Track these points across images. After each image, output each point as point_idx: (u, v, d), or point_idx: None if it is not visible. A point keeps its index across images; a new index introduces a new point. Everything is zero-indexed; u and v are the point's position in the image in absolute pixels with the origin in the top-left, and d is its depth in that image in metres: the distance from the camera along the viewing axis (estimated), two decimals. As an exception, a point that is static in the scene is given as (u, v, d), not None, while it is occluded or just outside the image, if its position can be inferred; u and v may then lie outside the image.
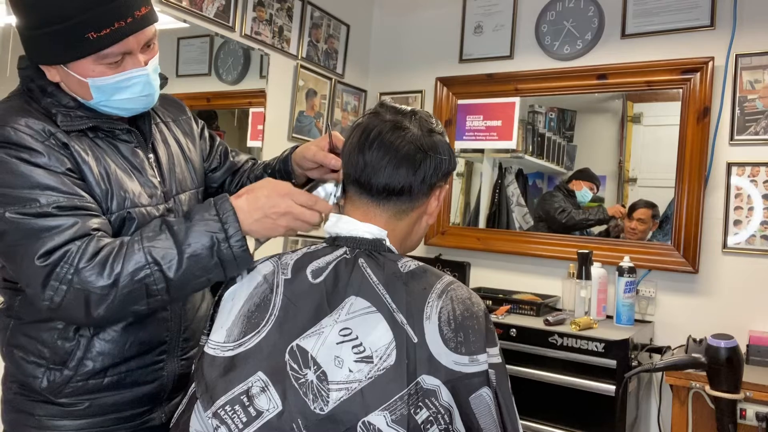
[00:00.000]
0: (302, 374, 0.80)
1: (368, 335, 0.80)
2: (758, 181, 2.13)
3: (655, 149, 2.46)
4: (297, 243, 2.61)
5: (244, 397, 0.80)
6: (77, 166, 0.96)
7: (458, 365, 0.80)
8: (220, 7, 2.18)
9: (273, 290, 0.88)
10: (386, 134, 0.90)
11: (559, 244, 2.48)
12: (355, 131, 0.94)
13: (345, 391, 0.78)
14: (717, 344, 1.44)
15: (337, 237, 0.93)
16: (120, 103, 1.01)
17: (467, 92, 2.72)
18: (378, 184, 0.90)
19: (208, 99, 2.36)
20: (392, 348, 0.80)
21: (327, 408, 0.77)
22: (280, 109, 2.50)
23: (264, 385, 0.80)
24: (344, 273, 0.87)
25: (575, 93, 2.51)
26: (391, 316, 0.82)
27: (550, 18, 2.56)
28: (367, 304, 0.83)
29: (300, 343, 0.81)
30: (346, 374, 0.79)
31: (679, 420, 1.87)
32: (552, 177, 2.71)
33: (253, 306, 0.87)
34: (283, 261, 0.92)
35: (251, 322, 0.86)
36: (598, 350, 1.90)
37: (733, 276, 2.16)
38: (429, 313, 0.82)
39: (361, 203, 0.93)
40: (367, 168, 0.90)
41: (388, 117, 0.92)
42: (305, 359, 0.80)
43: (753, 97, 2.15)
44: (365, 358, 0.79)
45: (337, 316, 0.82)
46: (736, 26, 2.18)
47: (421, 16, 2.91)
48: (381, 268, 0.87)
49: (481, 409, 0.82)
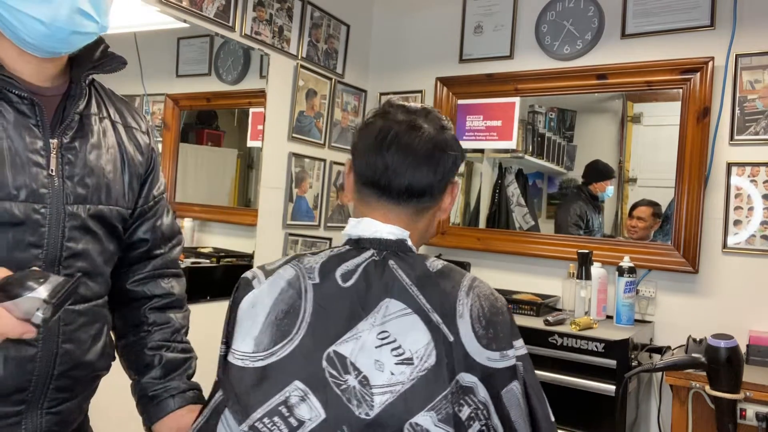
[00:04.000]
0: (343, 380, 0.79)
1: (406, 337, 0.81)
2: (758, 181, 2.13)
3: (655, 149, 2.46)
4: (297, 244, 2.62)
5: (282, 407, 0.78)
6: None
7: (491, 361, 0.83)
8: (220, 7, 2.18)
9: (301, 296, 0.84)
10: (404, 135, 0.88)
11: (559, 244, 2.48)
12: (368, 132, 0.91)
13: (389, 395, 0.78)
14: (717, 344, 1.44)
15: (360, 239, 0.90)
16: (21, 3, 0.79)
17: (467, 92, 2.72)
18: (399, 186, 0.88)
19: (208, 99, 2.36)
20: (431, 348, 0.80)
21: (372, 412, 0.77)
22: (280, 109, 2.50)
23: (303, 394, 0.78)
24: (375, 275, 0.85)
25: (575, 93, 2.51)
26: (426, 317, 0.82)
27: (550, 18, 2.56)
28: (402, 306, 0.83)
29: (337, 349, 0.80)
30: (388, 377, 0.79)
31: (679, 420, 1.87)
32: (552, 177, 2.71)
33: (281, 313, 0.83)
34: (306, 265, 0.88)
35: (281, 330, 0.82)
36: (598, 350, 1.90)
37: (733, 276, 2.16)
38: (461, 312, 0.84)
39: (379, 205, 0.91)
40: (388, 170, 0.88)
41: (402, 117, 0.91)
42: (344, 365, 0.79)
43: (753, 97, 2.15)
44: (406, 360, 0.80)
45: (374, 320, 0.82)
46: (736, 26, 2.18)
47: (421, 16, 2.91)
48: (411, 268, 0.87)
49: (512, 402, 0.84)
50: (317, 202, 2.73)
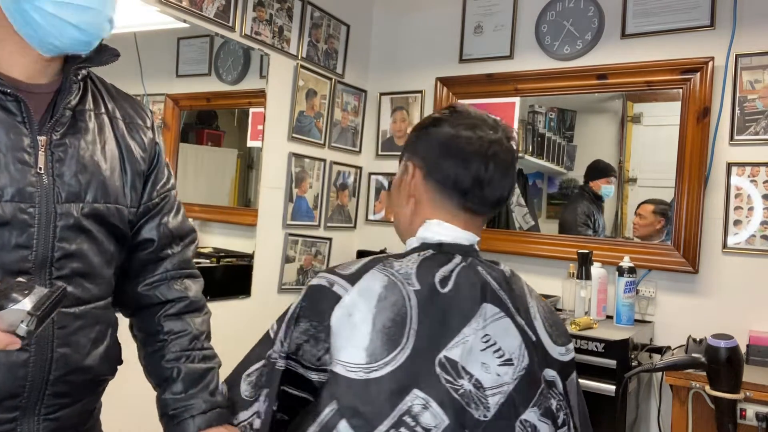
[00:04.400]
0: (459, 385, 0.80)
1: (503, 339, 0.85)
2: (758, 181, 2.13)
3: (655, 149, 2.46)
4: (297, 244, 2.62)
5: (407, 417, 0.77)
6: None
7: (560, 355, 0.93)
8: (220, 7, 2.18)
9: (405, 303, 0.83)
10: (501, 150, 0.90)
11: (559, 244, 2.48)
12: (458, 142, 0.90)
13: (500, 395, 0.82)
14: (717, 344, 1.44)
15: (443, 244, 0.91)
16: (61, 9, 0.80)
17: (467, 92, 2.72)
18: (492, 197, 0.91)
19: (208, 99, 2.36)
20: (523, 349, 0.86)
21: (489, 413, 0.80)
22: (280, 109, 2.50)
23: (424, 402, 0.78)
24: (469, 281, 0.87)
25: (575, 93, 2.51)
26: (514, 319, 0.88)
27: (550, 18, 2.56)
28: (496, 309, 0.87)
29: (447, 354, 0.81)
30: (495, 378, 0.82)
31: (679, 420, 1.87)
32: (552, 177, 2.71)
33: (388, 321, 0.81)
34: (399, 270, 0.86)
35: (391, 339, 0.80)
36: (598, 350, 1.90)
37: (733, 276, 2.16)
38: (534, 313, 0.92)
39: (461, 212, 0.92)
40: (485, 182, 0.89)
41: (492, 133, 0.91)
42: (456, 369, 0.81)
43: (753, 97, 2.15)
44: (507, 362, 0.84)
45: (477, 325, 0.84)
46: (736, 26, 2.18)
47: (421, 16, 2.91)
48: (495, 273, 0.91)
49: (573, 390, 0.94)
50: (317, 202, 2.73)
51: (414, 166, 0.93)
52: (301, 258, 2.65)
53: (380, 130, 2.99)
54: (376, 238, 2.94)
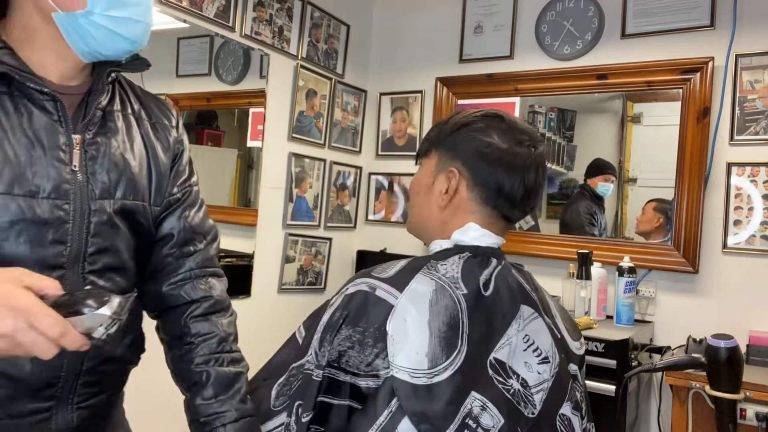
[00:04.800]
0: (509, 385, 0.84)
1: (539, 338, 0.90)
2: (758, 181, 2.13)
3: (655, 149, 2.46)
4: (297, 244, 2.61)
5: (469, 420, 0.79)
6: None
7: (577, 350, 0.99)
8: (220, 7, 2.18)
9: (457, 307, 0.84)
10: (542, 160, 0.95)
11: (559, 244, 2.48)
12: (508, 154, 0.91)
13: (542, 392, 0.87)
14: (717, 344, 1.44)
15: (479, 247, 0.93)
16: (115, 23, 0.83)
17: (467, 92, 2.72)
18: (531, 206, 0.96)
19: (208, 99, 2.36)
20: (554, 347, 0.92)
21: (536, 410, 0.85)
22: (280, 109, 2.50)
23: (482, 403, 0.81)
24: (506, 283, 0.91)
25: (575, 93, 2.51)
26: (544, 319, 0.93)
27: (550, 18, 2.56)
28: (531, 310, 0.91)
29: (496, 356, 0.85)
30: (537, 376, 0.87)
31: (679, 420, 1.87)
32: (552, 177, 2.71)
33: (443, 325, 0.82)
34: (446, 275, 0.87)
35: (448, 343, 0.81)
36: (598, 350, 1.90)
37: (733, 276, 2.16)
38: (554, 312, 0.98)
39: (500, 221, 0.95)
40: (532, 194, 0.94)
41: (539, 147, 0.95)
42: (505, 370, 0.84)
43: (753, 97, 2.15)
44: (544, 360, 0.89)
45: (518, 326, 0.88)
46: (736, 26, 2.18)
47: (421, 16, 2.91)
48: (523, 275, 0.96)
49: (581, 381, 1.00)
50: (317, 202, 2.73)
51: (459, 174, 0.93)
52: (301, 258, 2.65)
53: (380, 130, 2.99)
54: (376, 238, 2.94)
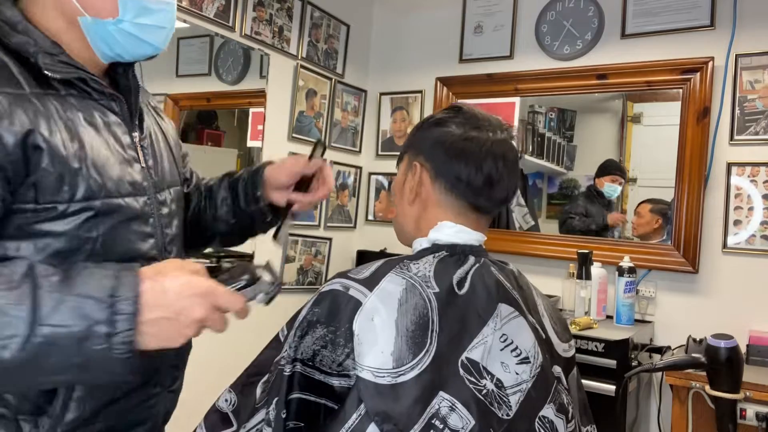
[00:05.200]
0: (482, 385, 0.81)
1: (519, 338, 0.87)
2: (758, 181, 2.13)
3: (655, 149, 2.46)
4: (297, 244, 2.61)
5: (435, 420, 0.77)
6: (33, 132, 0.73)
7: (564, 352, 0.96)
8: (220, 7, 2.18)
9: (427, 306, 0.83)
10: (509, 150, 0.92)
11: (559, 244, 2.48)
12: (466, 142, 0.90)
13: (520, 393, 0.84)
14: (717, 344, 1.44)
15: (455, 245, 0.91)
16: (141, 30, 0.85)
17: (467, 92, 2.72)
18: (500, 196, 0.92)
19: (208, 99, 2.36)
20: (537, 347, 0.89)
21: (512, 412, 0.82)
22: (280, 109, 2.50)
23: (451, 404, 0.79)
24: (484, 281, 0.88)
25: (575, 93, 2.51)
26: (527, 318, 0.90)
27: (550, 18, 2.56)
28: (511, 309, 0.89)
29: (469, 356, 0.82)
30: (515, 377, 0.84)
31: (679, 420, 1.87)
32: (552, 177, 2.71)
33: (411, 324, 0.81)
34: (417, 273, 0.86)
35: (416, 342, 0.80)
36: (598, 350, 1.90)
37: (733, 276, 2.16)
38: (542, 311, 0.96)
39: (471, 214, 0.93)
40: (495, 182, 0.90)
41: (499, 132, 0.93)
42: (478, 370, 0.82)
43: (753, 97, 2.15)
44: (524, 360, 0.86)
45: (494, 325, 0.86)
46: (736, 26, 2.18)
47: (421, 16, 2.91)
48: (505, 273, 0.93)
49: (573, 384, 0.97)
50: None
51: (420, 167, 0.93)
52: (301, 258, 2.65)
53: (380, 130, 2.99)
54: (376, 238, 2.94)
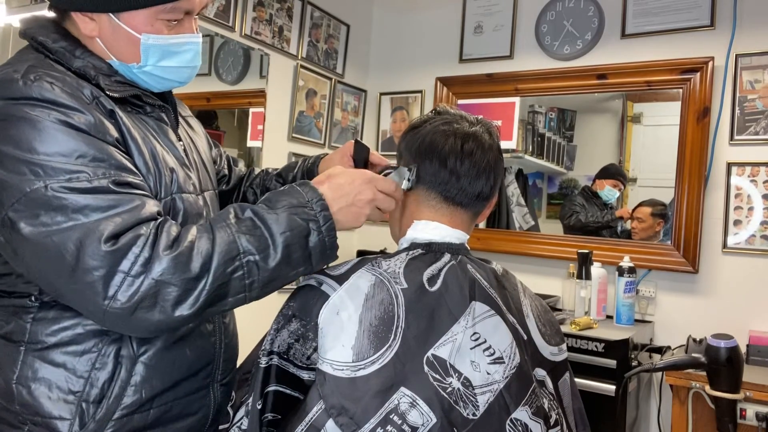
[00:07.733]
0: (447, 383, 0.80)
1: (493, 337, 0.85)
2: (758, 181, 2.13)
3: (655, 149, 2.46)
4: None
5: (393, 416, 0.77)
6: (123, 138, 0.81)
7: (553, 355, 0.94)
8: (220, 7, 2.18)
9: (393, 301, 0.83)
10: (477, 145, 0.92)
11: (559, 244, 2.48)
12: (434, 139, 0.92)
13: (489, 393, 0.82)
14: (717, 344, 1.44)
15: (432, 243, 0.92)
16: (164, 71, 0.88)
17: (467, 92, 2.72)
18: (472, 192, 0.92)
19: (208, 99, 2.36)
20: (515, 347, 0.86)
21: (479, 412, 0.80)
22: (280, 109, 2.50)
23: (411, 400, 0.78)
24: (458, 279, 0.88)
25: (575, 93, 2.51)
26: (505, 318, 0.88)
27: (550, 18, 2.56)
28: (486, 308, 0.87)
29: (435, 353, 0.81)
30: (485, 377, 0.82)
31: (679, 420, 1.87)
32: (552, 177, 2.71)
33: (375, 319, 0.81)
34: (387, 270, 0.86)
35: (379, 337, 0.80)
36: (598, 350, 1.90)
37: (733, 276, 2.16)
38: (527, 312, 0.94)
39: (447, 209, 0.93)
40: (463, 178, 0.91)
41: (468, 127, 0.93)
42: (444, 368, 0.81)
43: (753, 97, 2.15)
44: (497, 360, 0.84)
45: (466, 323, 0.84)
46: (736, 26, 2.18)
47: (421, 16, 2.91)
48: (484, 271, 0.92)
49: (565, 390, 0.95)
50: (317, 202, 2.72)
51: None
52: (301, 258, 2.65)
53: (380, 130, 2.99)
54: (376, 238, 2.94)
